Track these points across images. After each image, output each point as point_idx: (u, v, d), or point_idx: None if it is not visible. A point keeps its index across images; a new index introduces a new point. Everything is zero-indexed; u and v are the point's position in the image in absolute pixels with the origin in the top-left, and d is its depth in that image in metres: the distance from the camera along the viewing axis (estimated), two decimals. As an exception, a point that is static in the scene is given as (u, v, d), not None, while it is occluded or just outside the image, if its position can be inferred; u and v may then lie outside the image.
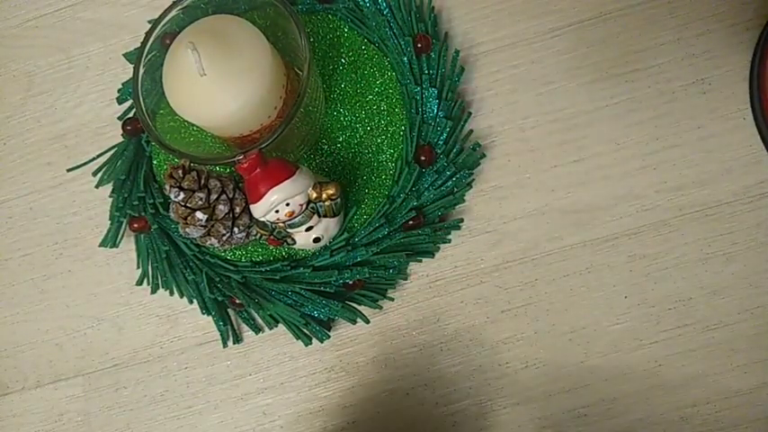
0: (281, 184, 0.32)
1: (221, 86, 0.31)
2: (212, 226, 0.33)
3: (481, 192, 0.38)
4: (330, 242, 0.36)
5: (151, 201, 0.39)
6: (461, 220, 0.38)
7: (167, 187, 0.32)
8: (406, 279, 0.38)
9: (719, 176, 0.36)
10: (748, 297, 0.35)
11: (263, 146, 0.32)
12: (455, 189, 0.38)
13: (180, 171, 0.32)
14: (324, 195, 0.33)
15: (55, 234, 0.43)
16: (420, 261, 0.38)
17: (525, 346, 0.36)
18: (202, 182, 0.33)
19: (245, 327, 0.39)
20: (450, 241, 0.38)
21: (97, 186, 0.42)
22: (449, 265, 0.38)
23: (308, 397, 0.38)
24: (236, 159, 0.32)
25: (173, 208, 0.33)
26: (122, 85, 0.44)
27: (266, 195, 0.32)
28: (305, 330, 0.37)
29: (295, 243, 0.35)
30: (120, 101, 0.43)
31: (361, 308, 0.38)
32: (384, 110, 0.39)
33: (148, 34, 0.35)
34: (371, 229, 0.37)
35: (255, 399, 0.39)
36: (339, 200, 0.34)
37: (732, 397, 0.35)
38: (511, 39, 0.39)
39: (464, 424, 0.36)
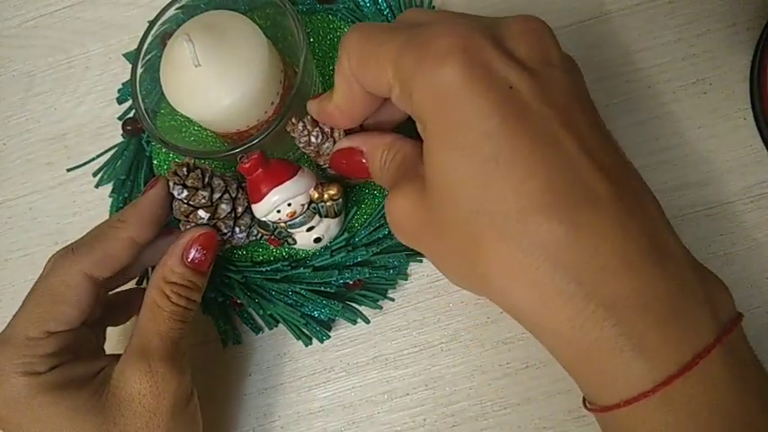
0: (283, 185, 0.32)
1: (216, 78, 0.31)
2: (213, 225, 0.33)
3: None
4: (331, 242, 0.36)
5: (151, 201, 0.39)
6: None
7: (171, 184, 0.32)
8: (406, 279, 0.38)
9: (719, 176, 0.36)
10: (748, 297, 0.35)
11: (259, 139, 0.32)
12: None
13: (184, 169, 0.32)
14: (325, 196, 0.33)
15: (55, 234, 0.43)
16: (420, 261, 0.38)
17: (525, 346, 0.36)
18: (206, 180, 0.33)
19: (245, 327, 0.39)
20: (450, 241, 0.38)
21: (97, 186, 0.42)
22: (449, 265, 0.38)
23: (308, 397, 0.38)
24: (237, 155, 0.32)
25: (175, 205, 0.33)
26: (122, 85, 0.44)
27: (268, 195, 0.32)
28: (305, 330, 0.37)
29: (296, 243, 0.35)
30: (120, 101, 0.43)
31: (361, 308, 0.38)
32: (384, 110, 0.39)
33: (146, 33, 0.35)
34: (372, 229, 0.37)
35: (255, 399, 0.38)
36: (341, 200, 0.34)
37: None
38: (511, 39, 0.39)
39: (464, 424, 0.36)
